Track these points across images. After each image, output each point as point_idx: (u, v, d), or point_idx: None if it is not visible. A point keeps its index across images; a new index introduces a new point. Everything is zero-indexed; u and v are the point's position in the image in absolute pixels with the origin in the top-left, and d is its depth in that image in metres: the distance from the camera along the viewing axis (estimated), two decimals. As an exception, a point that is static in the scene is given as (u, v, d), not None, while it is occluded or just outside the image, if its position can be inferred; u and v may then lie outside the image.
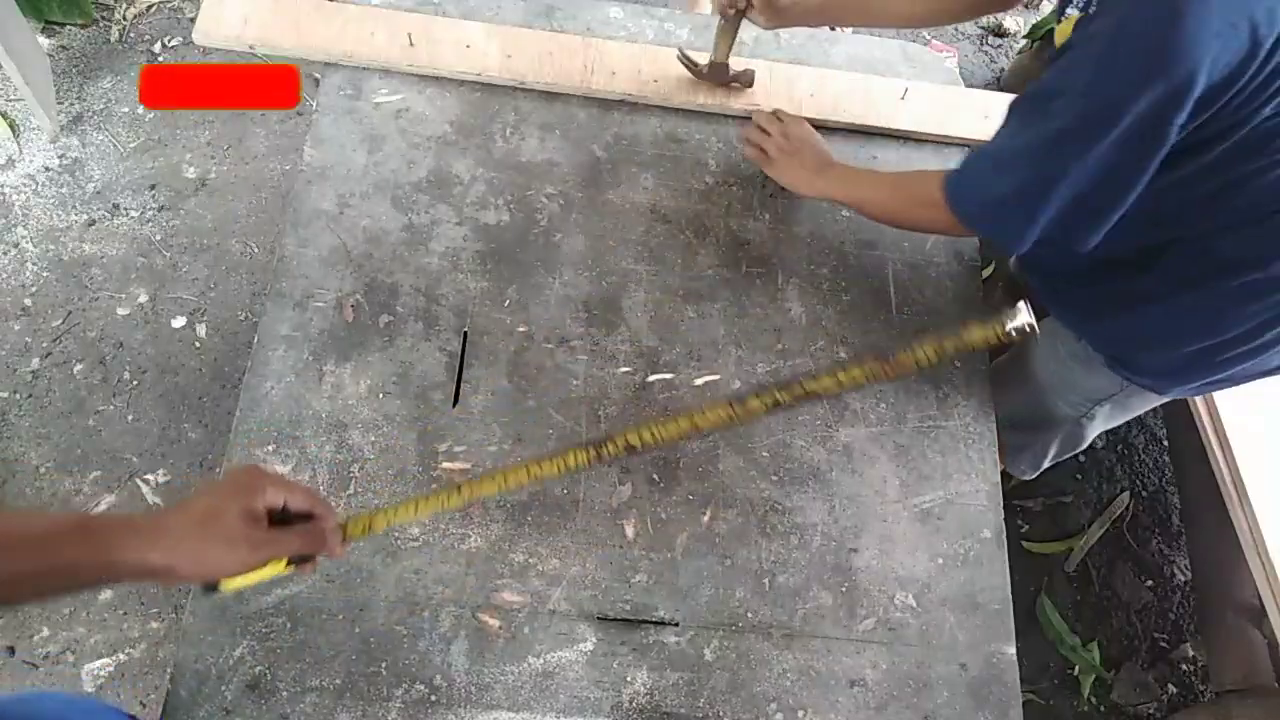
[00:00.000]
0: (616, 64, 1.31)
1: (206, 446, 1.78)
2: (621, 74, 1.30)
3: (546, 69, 1.29)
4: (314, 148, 1.23)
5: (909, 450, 1.14)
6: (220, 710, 0.92)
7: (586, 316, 1.17)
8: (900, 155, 1.34)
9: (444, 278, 1.17)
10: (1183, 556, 1.91)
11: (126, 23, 2.22)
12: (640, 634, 1.01)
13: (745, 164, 1.30)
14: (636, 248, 1.22)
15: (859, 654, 1.02)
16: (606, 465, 0.77)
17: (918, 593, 1.06)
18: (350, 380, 1.09)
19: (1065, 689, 1.77)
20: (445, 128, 1.27)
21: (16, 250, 1.92)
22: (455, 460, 1.06)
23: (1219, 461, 1.38)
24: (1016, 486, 1.92)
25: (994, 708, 1.01)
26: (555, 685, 0.97)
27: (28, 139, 2.04)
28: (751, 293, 1.21)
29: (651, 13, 1.41)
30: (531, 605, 1.01)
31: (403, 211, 1.21)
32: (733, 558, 1.05)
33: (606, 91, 1.30)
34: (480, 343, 1.13)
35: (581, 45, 1.32)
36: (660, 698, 0.98)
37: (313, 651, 0.96)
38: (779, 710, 0.99)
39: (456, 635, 0.98)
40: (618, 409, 1.11)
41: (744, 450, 1.11)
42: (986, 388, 1.19)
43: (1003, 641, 1.05)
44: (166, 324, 1.89)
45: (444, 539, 1.03)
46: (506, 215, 1.22)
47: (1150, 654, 1.82)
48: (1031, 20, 2.52)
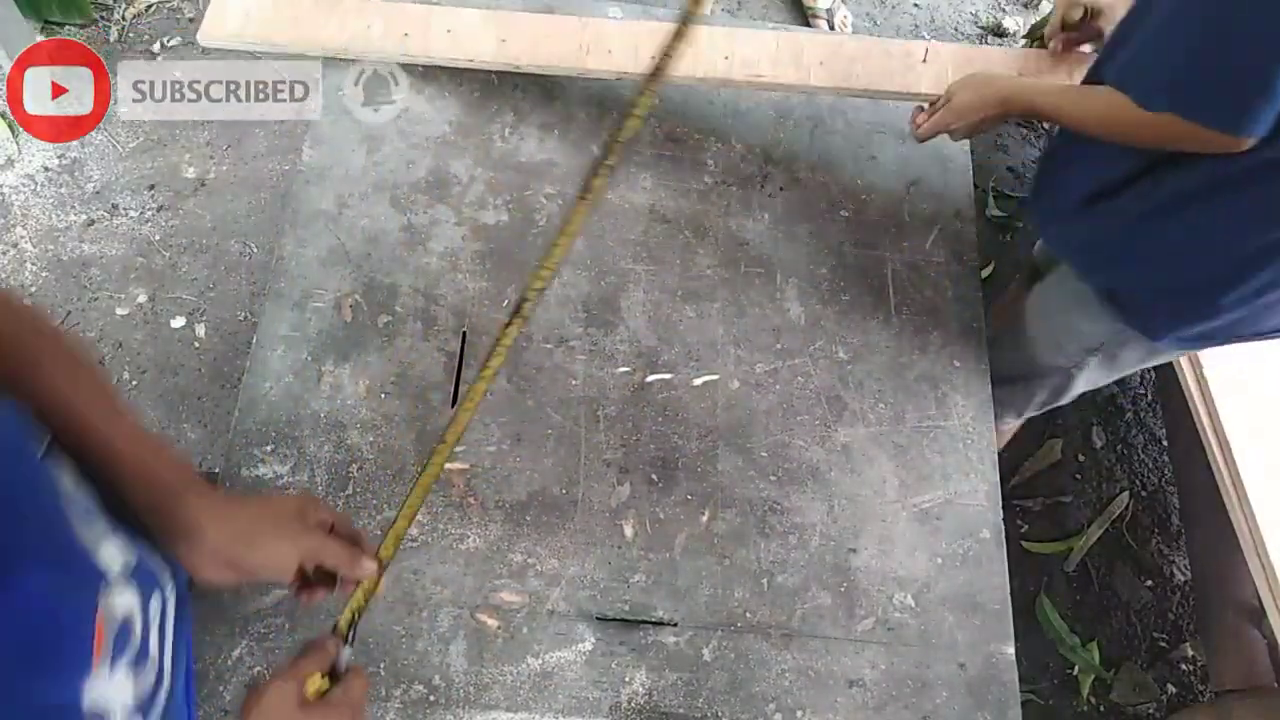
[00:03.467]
0: (613, 43, 1.28)
1: (206, 446, 1.77)
2: (618, 52, 1.27)
3: (542, 51, 1.26)
4: (313, 148, 1.23)
5: (908, 450, 1.14)
6: (219, 711, 0.92)
7: (585, 316, 1.17)
8: (900, 153, 1.33)
9: (443, 278, 1.17)
10: (1182, 556, 1.91)
11: (125, 22, 2.22)
12: (639, 634, 1.01)
13: (744, 164, 1.30)
14: (635, 248, 1.22)
15: (858, 654, 1.02)
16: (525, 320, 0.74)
17: (917, 593, 1.06)
18: (349, 380, 1.09)
19: (1064, 689, 1.77)
20: (444, 128, 1.27)
21: (15, 250, 1.92)
22: (454, 460, 1.06)
23: (1218, 461, 1.38)
24: (1016, 486, 1.92)
25: (993, 708, 1.01)
26: (554, 685, 0.97)
27: (27, 139, 2.04)
28: (750, 292, 1.21)
29: (651, 12, 1.41)
30: (530, 605, 1.01)
31: (401, 212, 1.21)
32: (731, 558, 1.05)
33: (603, 71, 1.27)
34: (479, 343, 1.13)
35: (578, 26, 1.29)
36: (659, 698, 0.98)
37: (311, 652, 0.96)
38: (778, 710, 0.99)
39: (455, 635, 0.98)
40: (616, 409, 1.11)
41: (743, 450, 1.11)
42: (986, 388, 1.19)
43: (1002, 641, 1.05)
44: (166, 324, 1.89)
45: (442, 539, 1.03)
46: (505, 215, 1.22)
47: (1150, 654, 1.82)
48: (1031, 20, 2.52)
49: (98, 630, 0.53)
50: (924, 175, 1.32)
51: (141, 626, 0.60)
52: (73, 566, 0.53)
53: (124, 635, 0.57)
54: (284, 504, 0.68)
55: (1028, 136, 2.39)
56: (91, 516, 0.58)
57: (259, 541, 0.66)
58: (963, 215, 1.30)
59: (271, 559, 0.66)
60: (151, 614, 0.62)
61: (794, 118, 1.35)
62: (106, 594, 0.55)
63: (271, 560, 0.66)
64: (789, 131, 1.34)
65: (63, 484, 0.57)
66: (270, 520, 0.67)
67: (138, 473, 0.64)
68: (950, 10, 2.56)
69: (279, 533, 0.66)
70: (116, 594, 0.57)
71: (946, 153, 1.35)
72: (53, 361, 0.65)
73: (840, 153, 1.32)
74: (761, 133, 1.33)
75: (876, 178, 1.31)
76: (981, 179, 2.22)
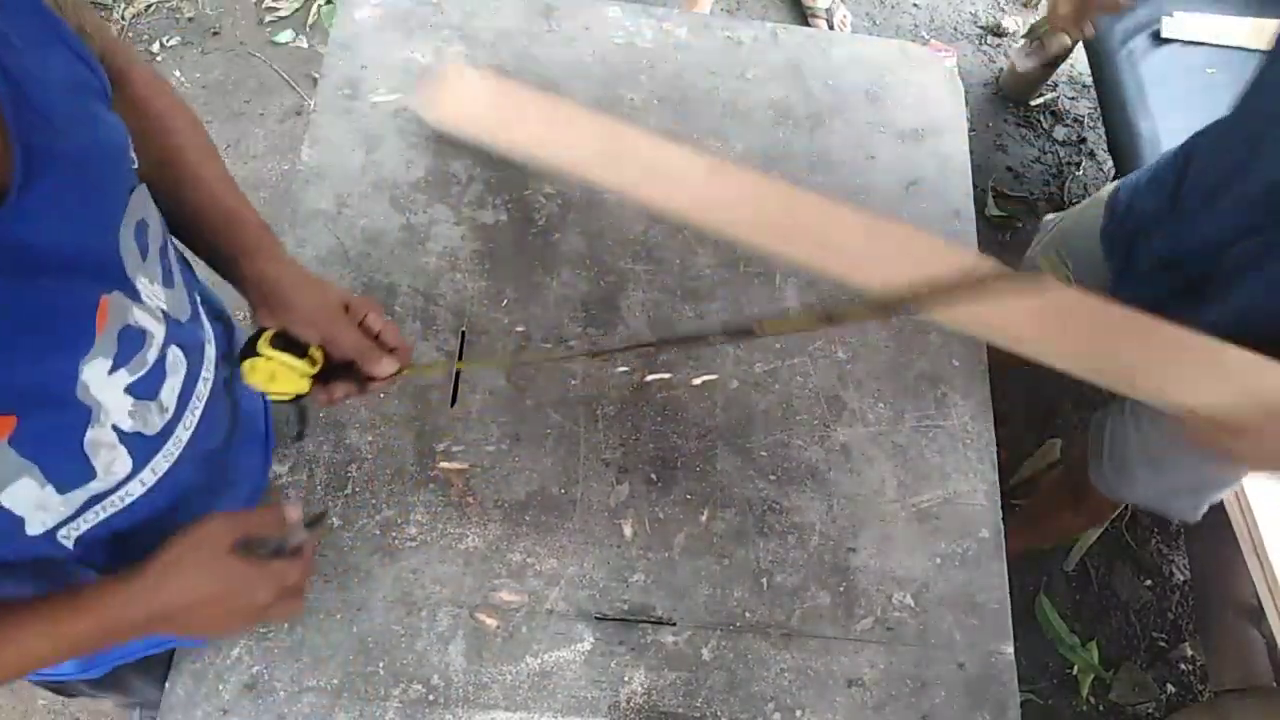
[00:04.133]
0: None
1: (205, 446, 1.77)
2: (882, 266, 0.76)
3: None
4: (311, 147, 1.23)
5: (907, 450, 1.14)
6: (218, 710, 0.92)
7: (584, 316, 1.17)
8: (899, 153, 1.33)
9: (442, 277, 1.17)
10: (1182, 556, 1.91)
11: (125, 22, 2.22)
12: (638, 634, 1.01)
13: (743, 163, 1.29)
14: (634, 247, 1.22)
15: (857, 654, 1.02)
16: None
17: (916, 592, 1.06)
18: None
19: (1064, 688, 1.77)
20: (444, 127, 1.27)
21: (15, 250, 1.92)
22: (453, 460, 1.06)
23: (1218, 461, 1.38)
24: (1015, 486, 1.92)
25: (992, 707, 1.01)
26: (553, 685, 0.97)
27: (26, 139, 2.04)
28: (750, 292, 1.21)
29: (650, 12, 1.41)
30: (529, 605, 1.01)
31: (400, 211, 1.21)
32: (730, 557, 1.05)
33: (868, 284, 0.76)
34: (478, 342, 1.13)
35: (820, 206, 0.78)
36: (658, 697, 0.98)
37: (310, 651, 0.96)
38: (776, 710, 0.99)
39: (454, 635, 0.98)
40: (615, 408, 1.11)
41: (742, 450, 1.11)
42: (985, 387, 1.19)
43: (1001, 641, 1.05)
44: (165, 324, 1.89)
45: (441, 539, 1.03)
46: (504, 215, 1.22)
47: (1149, 654, 1.82)
48: (1030, 20, 2.52)
49: (100, 314, 0.55)
50: (924, 175, 1.32)
51: (156, 358, 0.63)
52: (95, 258, 0.56)
53: (131, 341, 0.60)
54: (338, 290, 0.75)
55: (1027, 136, 2.39)
56: (147, 257, 0.62)
57: (298, 303, 0.72)
58: (962, 215, 1.30)
59: (300, 325, 0.72)
60: (170, 359, 0.65)
61: (794, 117, 1.35)
62: (123, 299, 0.58)
63: (300, 325, 0.72)
64: (789, 131, 1.34)
65: (133, 209, 0.60)
66: (319, 293, 0.73)
67: (225, 225, 0.73)
68: (950, 10, 2.56)
69: (319, 302, 0.73)
70: (136, 307, 0.60)
71: (946, 152, 1.35)
72: (147, 87, 0.72)
73: (840, 153, 1.32)
74: (761, 133, 1.33)
75: (876, 178, 1.31)
76: (981, 179, 2.22)
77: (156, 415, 0.65)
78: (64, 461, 0.57)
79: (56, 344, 0.53)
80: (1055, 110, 2.43)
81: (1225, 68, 1.82)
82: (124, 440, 0.61)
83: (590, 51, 1.36)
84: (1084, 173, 2.35)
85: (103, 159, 0.57)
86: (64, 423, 0.56)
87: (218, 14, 2.26)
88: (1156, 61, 1.82)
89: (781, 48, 1.41)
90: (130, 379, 0.60)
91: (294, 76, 2.20)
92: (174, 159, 0.72)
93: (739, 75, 1.37)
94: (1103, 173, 2.35)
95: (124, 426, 0.61)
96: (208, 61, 2.20)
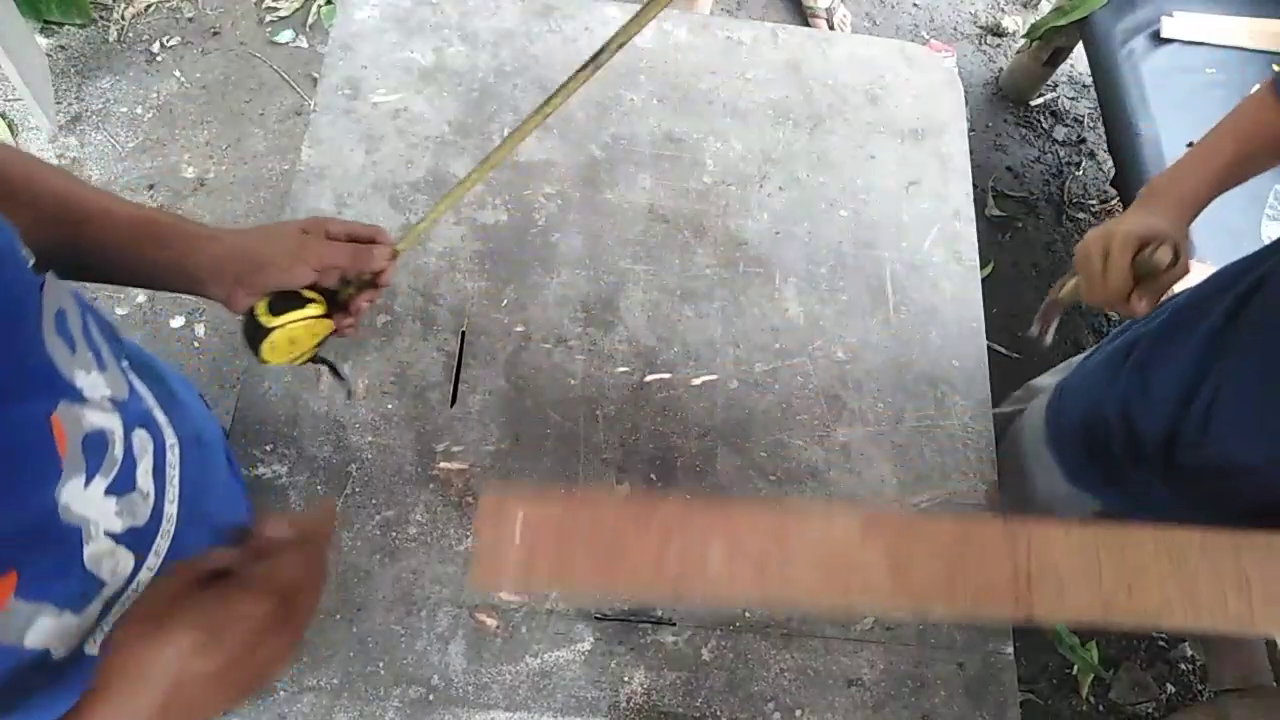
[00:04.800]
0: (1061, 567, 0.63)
1: (205, 446, 1.77)
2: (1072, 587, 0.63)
3: (959, 583, 0.61)
4: (311, 147, 1.23)
5: (907, 450, 1.14)
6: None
7: (584, 316, 1.17)
8: (899, 153, 1.34)
9: (441, 277, 1.17)
10: (1181, 556, 1.90)
11: (125, 22, 2.22)
12: (638, 633, 1.01)
13: (742, 163, 1.30)
14: (634, 247, 1.22)
15: (857, 653, 1.02)
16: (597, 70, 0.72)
17: (915, 592, 1.06)
18: (348, 380, 1.09)
19: (1064, 688, 1.77)
20: (443, 128, 1.27)
21: (15, 250, 1.92)
22: (453, 460, 1.06)
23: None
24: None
25: (992, 707, 1.01)
26: (553, 685, 0.97)
27: (26, 139, 2.04)
28: (749, 292, 1.21)
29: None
30: (529, 605, 1.01)
31: (401, 211, 1.21)
32: (730, 557, 1.05)
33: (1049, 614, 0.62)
34: (478, 342, 1.13)
35: (1006, 546, 0.61)
36: (658, 697, 0.98)
37: (310, 651, 0.96)
38: (776, 710, 0.99)
39: (454, 635, 0.98)
40: (615, 408, 1.11)
41: (742, 450, 1.11)
42: (986, 387, 1.19)
43: (1001, 641, 1.05)
44: (165, 324, 1.89)
45: (441, 539, 1.03)
46: (504, 215, 1.22)
47: (1149, 653, 1.82)
48: (1030, 20, 2.52)
49: (57, 434, 0.53)
50: (923, 175, 1.33)
51: (123, 451, 0.60)
52: (30, 375, 0.53)
53: (97, 448, 0.57)
54: (286, 225, 0.73)
55: (1027, 136, 2.39)
56: (76, 349, 0.59)
57: (266, 257, 0.69)
58: (962, 215, 1.30)
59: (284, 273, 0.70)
60: (136, 445, 0.62)
61: (794, 118, 1.35)
62: (71, 407, 0.55)
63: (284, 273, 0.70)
64: (788, 131, 1.34)
65: (49, 305, 0.56)
66: (275, 238, 0.71)
67: (145, 235, 0.68)
68: (949, 10, 2.56)
69: (284, 245, 0.70)
70: (87, 411, 0.57)
71: (946, 152, 1.35)
72: (43, 171, 0.68)
73: (839, 152, 1.33)
74: (761, 132, 1.33)
75: (875, 177, 1.31)
76: (981, 179, 2.22)
77: (141, 503, 0.62)
78: (72, 586, 0.55)
79: (27, 481, 0.51)
80: (1055, 110, 2.43)
81: (1225, 68, 1.82)
82: (120, 540, 0.59)
83: (590, 52, 1.35)
84: (1084, 173, 2.35)
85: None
86: (61, 554, 0.54)
87: (218, 14, 2.26)
88: (1156, 61, 1.82)
89: (781, 48, 1.41)
90: (106, 481, 0.58)
91: (294, 76, 2.20)
92: (62, 205, 0.66)
93: (739, 75, 1.37)
94: (1103, 172, 2.35)
95: (115, 529, 0.58)
96: (208, 61, 2.20)
